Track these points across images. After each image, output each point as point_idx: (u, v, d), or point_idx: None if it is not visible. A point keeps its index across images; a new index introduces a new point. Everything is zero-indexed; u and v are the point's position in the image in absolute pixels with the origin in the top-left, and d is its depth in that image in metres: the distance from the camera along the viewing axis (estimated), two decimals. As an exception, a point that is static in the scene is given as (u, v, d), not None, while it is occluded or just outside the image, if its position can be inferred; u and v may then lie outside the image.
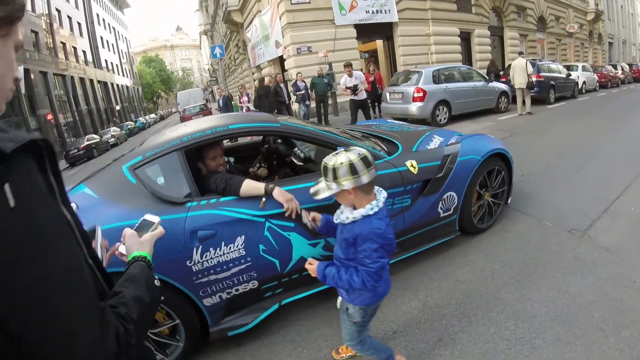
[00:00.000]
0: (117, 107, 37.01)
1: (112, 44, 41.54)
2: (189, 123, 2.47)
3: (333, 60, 11.77)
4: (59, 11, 26.52)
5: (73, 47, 28.26)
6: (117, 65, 41.68)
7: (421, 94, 8.10)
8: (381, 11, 13.25)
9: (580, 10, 25.94)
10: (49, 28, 23.79)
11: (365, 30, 13.38)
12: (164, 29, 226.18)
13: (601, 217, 3.01)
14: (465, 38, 16.42)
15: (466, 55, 16.63)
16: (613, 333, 1.77)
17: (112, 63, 39.64)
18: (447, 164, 2.52)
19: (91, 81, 30.67)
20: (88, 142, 17.58)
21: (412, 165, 2.39)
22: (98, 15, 37.23)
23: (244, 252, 1.92)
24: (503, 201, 3.04)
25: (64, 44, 26.28)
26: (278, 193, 1.92)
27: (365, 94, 8.44)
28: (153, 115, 43.85)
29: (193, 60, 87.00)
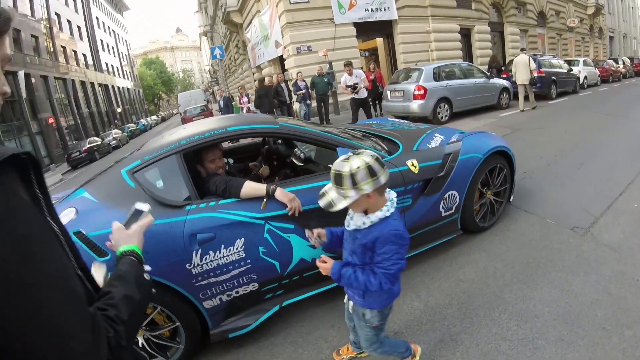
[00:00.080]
0: (119, 110, 37.15)
1: (113, 47, 41.63)
2: (188, 126, 2.47)
3: (333, 59, 11.74)
4: (59, 15, 26.60)
5: (73, 51, 28.35)
6: (118, 67, 41.80)
7: (422, 92, 8.07)
8: (380, 9, 13.20)
9: (580, 4, 25.77)
10: (49, 32, 23.86)
11: (364, 28, 13.33)
12: (164, 31, 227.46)
13: (604, 215, 2.98)
14: (465, 34, 16.35)
15: (466, 51, 16.56)
16: (616, 333, 1.75)
17: (113, 66, 39.75)
18: (449, 163, 2.50)
19: (92, 84, 30.78)
20: (90, 145, 17.67)
21: (413, 164, 2.37)
22: (97, 18, 37.32)
23: (244, 255, 1.91)
24: (505, 199, 3.02)
25: (64, 48, 26.37)
26: (280, 193, 1.91)
27: (366, 93, 8.43)
28: (154, 117, 44.00)
29: (193, 61, 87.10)
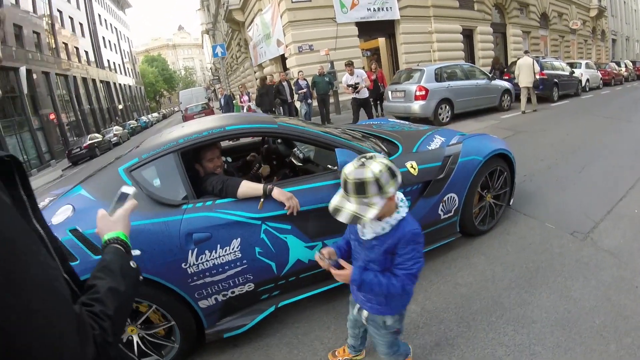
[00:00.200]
0: (120, 107, 37.16)
1: (114, 44, 41.63)
2: (187, 124, 2.45)
3: (335, 58, 11.71)
4: (61, 12, 26.61)
5: (75, 47, 28.36)
6: (120, 64, 41.79)
7: (423, 92, 8.04)
8: (383, 9, 13.16)
9: (583, 6, 25.70)
10: (51, 29, 23.88)
11: (366, 28, 13.30)
12: (166, 29, 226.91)
13: (604, 219, 2.96)
14: (467, 35, 16.32)
15: (469, 52, 16.54)
16: (614, 340, 1.74)
17: (115, 63, 39.75)
18: (448, 165, 2.48)
19: (93, 81, 30.79)
20: (90, 141, 17.70)
21: (412, 166, 2.35)
22: (100, 15, 37.32)
23: (240, 255, 1.90)
24: (505, 202, 3.00)
25: (66, 45, 26.38)
26: (277, 192, 1.90)
27: (367, 93, 8.41)
28: (156, 114, 43.99)
29: (195, 59, 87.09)
